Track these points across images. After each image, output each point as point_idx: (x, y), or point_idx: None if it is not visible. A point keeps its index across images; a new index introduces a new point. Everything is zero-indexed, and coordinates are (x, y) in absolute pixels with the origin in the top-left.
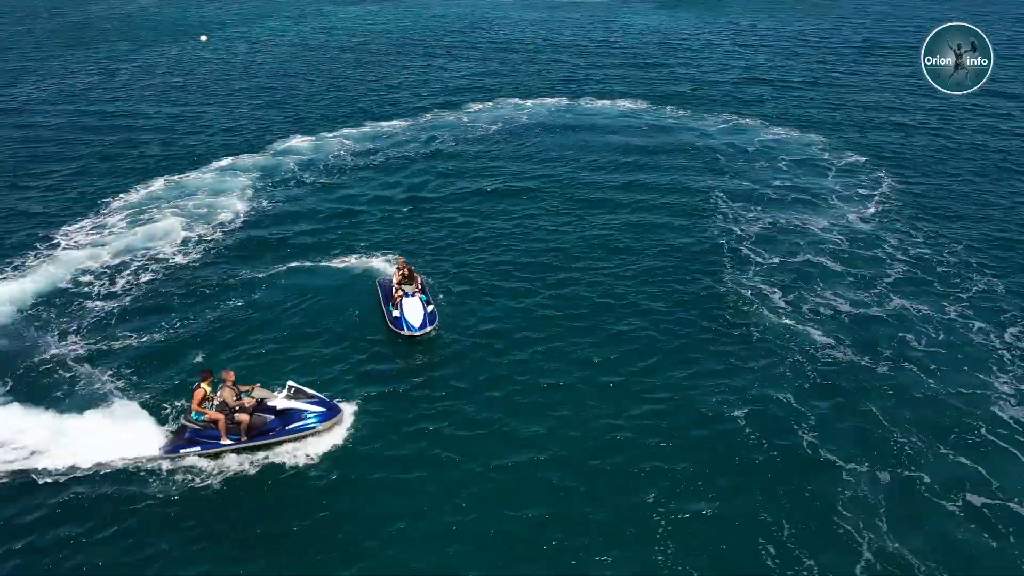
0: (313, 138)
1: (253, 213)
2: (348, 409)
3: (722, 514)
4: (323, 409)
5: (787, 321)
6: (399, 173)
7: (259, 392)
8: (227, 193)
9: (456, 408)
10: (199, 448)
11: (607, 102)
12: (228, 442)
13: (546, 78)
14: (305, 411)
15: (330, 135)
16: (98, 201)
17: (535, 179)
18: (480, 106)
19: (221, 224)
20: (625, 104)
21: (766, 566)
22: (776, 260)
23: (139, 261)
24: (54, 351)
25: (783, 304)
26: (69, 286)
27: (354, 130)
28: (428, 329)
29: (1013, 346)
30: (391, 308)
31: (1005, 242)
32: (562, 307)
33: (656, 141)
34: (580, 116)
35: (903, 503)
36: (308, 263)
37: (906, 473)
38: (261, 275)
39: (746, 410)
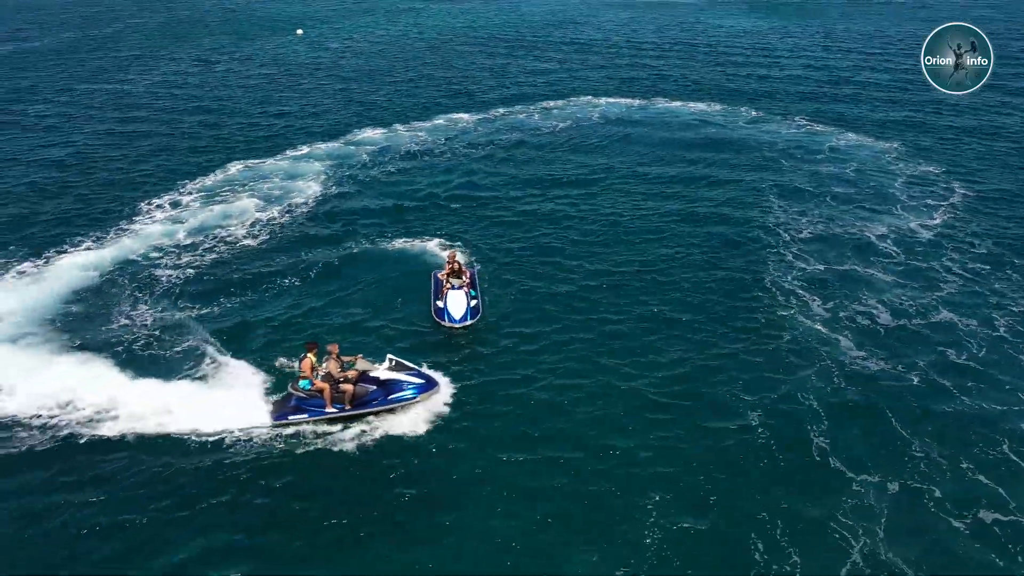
0: (386, 130)
1: (323, 199)
2: (445, 383)
3: (720, 513)
4: (422, 381)
5: (820, 327)
6: (465, 166)
7: (362, 364)
8: (301, 178)
9: (487, 397)
10: (307, 415)
11: (680, 103)
12: (332, 410)
13: (622, 78)
14: (405, 383)
15: (403, 128)
16: (177, 182)
17: (596, 175)
18: (553, 104)
19: (292, 207)
20: (698, 106)
21: (755, 563)
22: (821, 266)
23: (214, 239)
24: (145, 319)
25: (820, 310)
26: (154, 256)
27: (427, 123)
28: (468, 322)
29: None
30: (437, 299)
31: None
32: (605, 300)
33: (723, 143)
34: (651, 116)
35: (907, 514)
36: (370, 248)
37: (916, 485)
38: (331, 258)
39: (761, 411)
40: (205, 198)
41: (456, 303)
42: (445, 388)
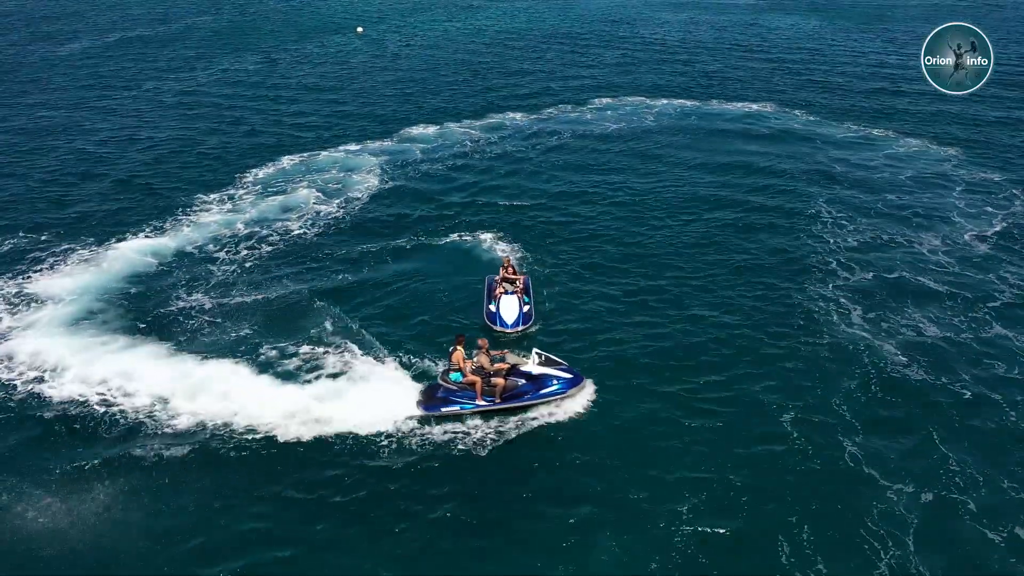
0: (439, 127)
1: (378, 193)
2: (590, 379)
3: (749, 516)
4: (570, 376)
5: (863, 335)
6: (514, 164)
7: (511, 358)
8: (357, 172)
9: None
10: (458, 407)
11: (736, 104)
12: (483, 403)
13: (677, 78)
14: (554, 377)
15: (456, 125)
16: (235, 175)
17: (645, 176)
18: (606, 102)
19: (349, 200)
20: (753, 107)
21: (782, 567)
22: (868, 275)
23: (273, 229)
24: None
25: (861, 319)
26: (212, 248)
27: (478, 121)
28: (520, 328)
29: None
30: (491, 304)
31: None
32: (647, 302)
33: (776, 146)
34: (704, 117)
35: (939, 525)
36: (424, 243)
37: (951, 496)
38: (387, 251)
39: (797, 416)
40: (265, 189)
41: (509, 308)
42: (590, 385)
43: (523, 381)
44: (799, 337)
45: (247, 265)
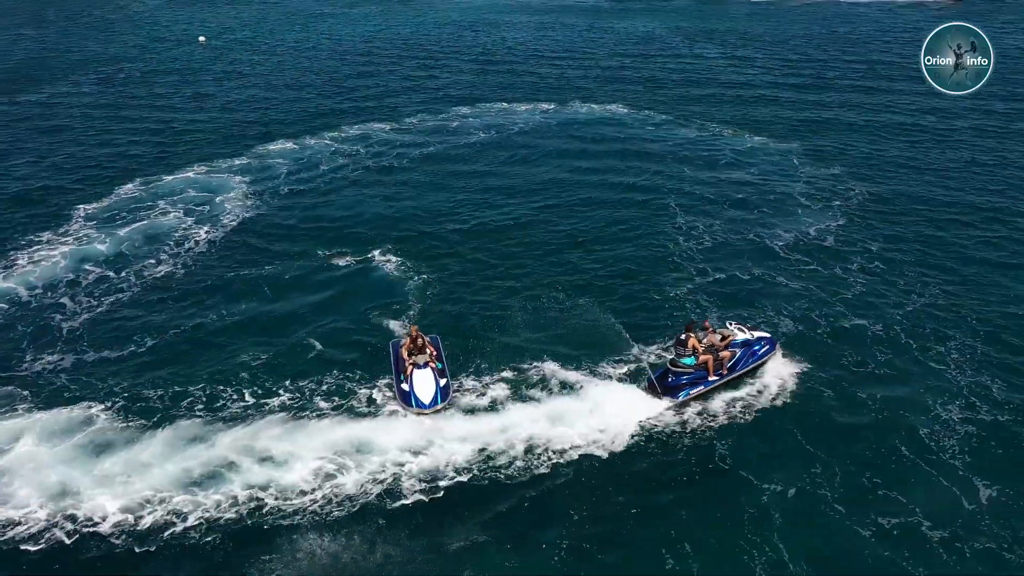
0: (297, 142)
1: (242, 219)
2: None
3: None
4: (768, 335)
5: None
6: (388, 175)
7: (722, 331)
8: (216, 194)
9: None
10: (701, 387)
11: (593, 106)
12: (715, 378)
13: (533, 83)
14: (759, 339)
15: (314, 139)
16: (63, 212)
17: (512, 178)
18: (466, 111)
19: (217, 224)
20: (610, 108)
21: None
22: (721, 275)
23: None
24: None
25: (719, 321)
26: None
27: (340, 133)
28: (439, 406)
29: (950, 366)
30: (402, 382)
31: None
32: (512, 320)
33: (631, 144)
34: (564, 121)
35: (806, 518)
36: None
37: (813, 491)
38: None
39: (657, 425)
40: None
41: (423, 385)
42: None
43: (738, 351)
44: (663, 342)
45: (104, 309)
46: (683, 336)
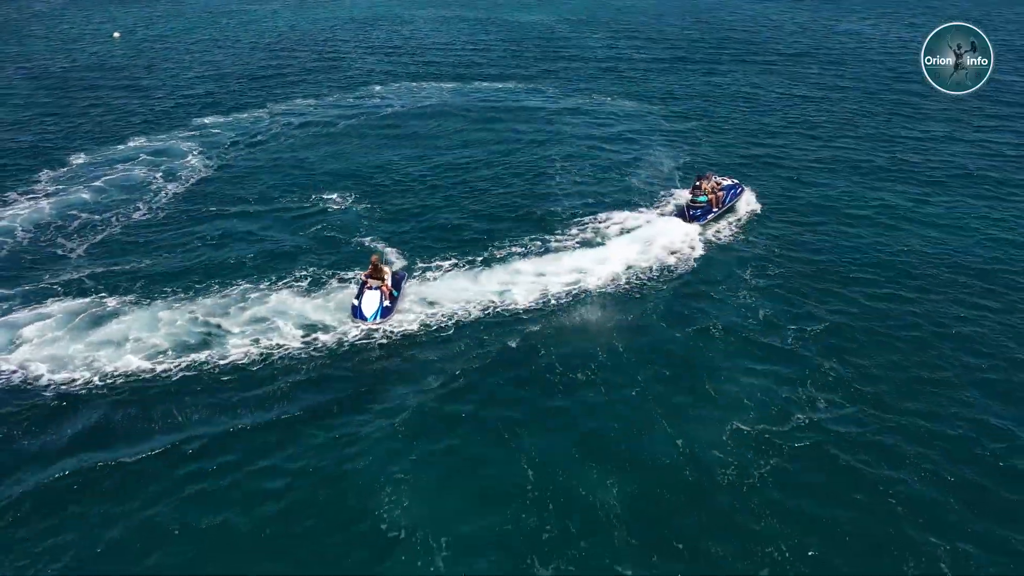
0: (228, 116)
1: (200, 179)
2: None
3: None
4: (738, 182)
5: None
6: (315, 140)
7: (717, 178)
8: (168, 158)
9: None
10: (711, 215)
11: (494, 83)
12: (716, 209)
13: (437, 64)
14: (734, 185)
15: (243, 114)
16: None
17: (425, 147)
18: (378, 88)
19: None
20: (507, 85)
21: None
22: (600, 224)
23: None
24: None
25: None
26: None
27: (263, 110)
28: (378, 321)
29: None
30: (356, 298)
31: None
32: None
33: (523, 114)
34: (467, 93)
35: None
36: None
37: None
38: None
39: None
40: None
41: (369, 303)
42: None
43: (725, 192)
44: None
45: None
46: (698, 183)
